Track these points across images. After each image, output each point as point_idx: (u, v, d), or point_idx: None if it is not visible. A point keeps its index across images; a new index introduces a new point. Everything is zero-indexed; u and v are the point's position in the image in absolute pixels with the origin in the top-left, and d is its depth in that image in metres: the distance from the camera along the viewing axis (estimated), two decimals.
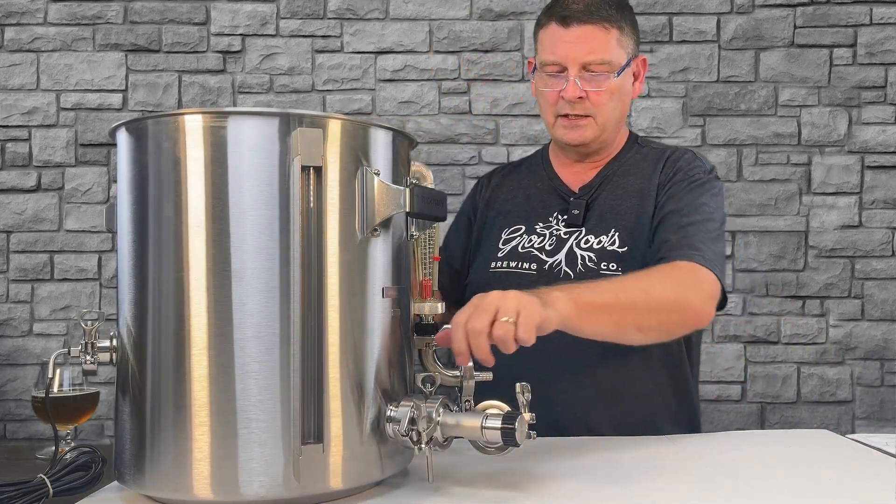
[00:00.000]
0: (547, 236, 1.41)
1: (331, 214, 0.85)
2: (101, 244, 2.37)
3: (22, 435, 2.33)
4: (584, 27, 1.33)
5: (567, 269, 1.36)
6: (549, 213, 1.43)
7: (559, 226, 1.41)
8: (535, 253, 1.39)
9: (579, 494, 0.90)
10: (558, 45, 1.35)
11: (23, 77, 2.36)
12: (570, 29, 1.34)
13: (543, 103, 1.40)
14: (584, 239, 1.37)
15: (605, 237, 1.36)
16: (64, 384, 1.24)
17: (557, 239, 1.39)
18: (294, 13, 2.37)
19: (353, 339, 0.86)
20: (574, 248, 1.37)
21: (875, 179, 2.36)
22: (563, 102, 1.36)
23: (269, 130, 0.83)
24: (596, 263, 1.34)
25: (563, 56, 1.34)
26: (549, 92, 1.37)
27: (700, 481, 0.95)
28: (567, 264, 1.36)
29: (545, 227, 1.42)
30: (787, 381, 2.36)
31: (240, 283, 0.81)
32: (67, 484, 0.90)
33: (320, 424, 0.83)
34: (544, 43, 1.38)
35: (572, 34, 1.34)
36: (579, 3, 1.34)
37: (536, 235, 1.41)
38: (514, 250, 1.42)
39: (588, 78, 1.34)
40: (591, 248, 1.36)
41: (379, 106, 2.38)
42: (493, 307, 0.91)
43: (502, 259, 1.42)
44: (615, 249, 1.34)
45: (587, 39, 1.34)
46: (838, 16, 2.36)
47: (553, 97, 1.37)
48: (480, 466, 1.01)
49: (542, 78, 1.37)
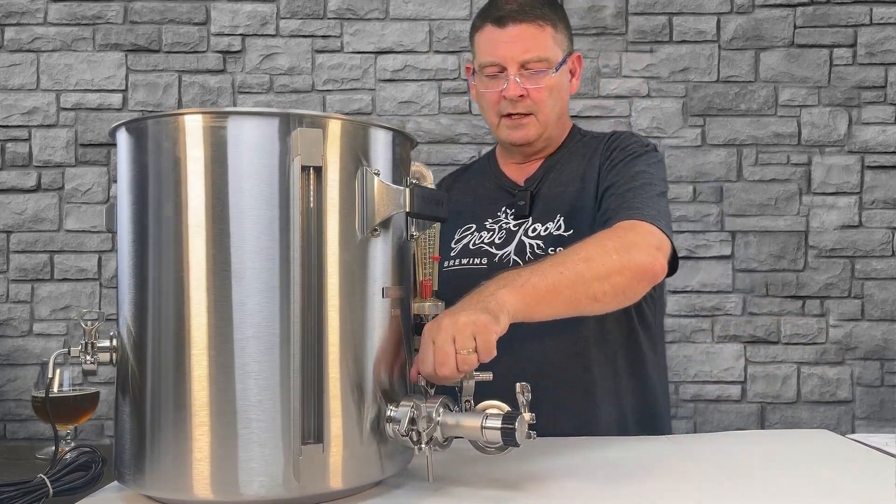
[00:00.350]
0: (496, 230, 1.43)
1: (331, 214, 0.85)
2: (101, 244, 2.37)
3: (22, 435, 2.33)
4: (519, 26, 1.35)
5: (516, 258, 1.38)
6: (497, 209, 1.46)
7: (508, 219, 1.44)
8: (485, 248, 1.42)
9: (579, 494, 0.90)
10: (496, 45, 1.36)
11: (23, 77, 2.36)
12: (506, 29, 1.35)
13: (485, 105, 1.42)
14: (532, 227, 1.40)
15: (552, 223, 1.39)
16: (64, 384, 1.24)
17: (507, 232, 1.42)
18: (294, 13, 2.38)
19: (353, 339, 0.86)
20: (523, 237, 1.40)
21: (875, 179, 2.37)
22: (504, 102, 1.38)
23: (269, 130, 0.83)
24: (544, 250, 1.36)
25: (502, 56, 1.36)
26: (491, 93, 1.38)
27: (700, 481, 0.95)
28: (516, 254, 1.39)
29: (494, 222, 1.45)
30: (787, 381, 2.36)
31: (240, 283, 0.81)
32: (67, 484, 0.90)
33: (320, 424, 0.83)
34: (481, 46, 1.40)
35: (508, 34, 1.35)
36: (512, 3, 1.36)
37: (486, 231, 1.44)
38: (466, 247, 1.44)
39: (527, 76, 1.36)
40: (538, 236, 1.39)
41: (379, 106, 2.38)
42: (450, 343, 0.91)
43: (455, 257, 1.45)
44: (561, 234, 1.36)
45: (523, 38, 1.36)
46: (838, 16, 2.36)
47: (495, 98, 1.39)
48: (480, 466, 1.01)
49: (482, 80, 1.39)
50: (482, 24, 1.40)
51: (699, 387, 2.36)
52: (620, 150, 1.39)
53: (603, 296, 1.13)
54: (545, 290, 1.05)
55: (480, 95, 1.43)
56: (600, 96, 2.37)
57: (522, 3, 1.36)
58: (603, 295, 1.13)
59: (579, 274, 1.09)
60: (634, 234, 1.20)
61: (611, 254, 1.13)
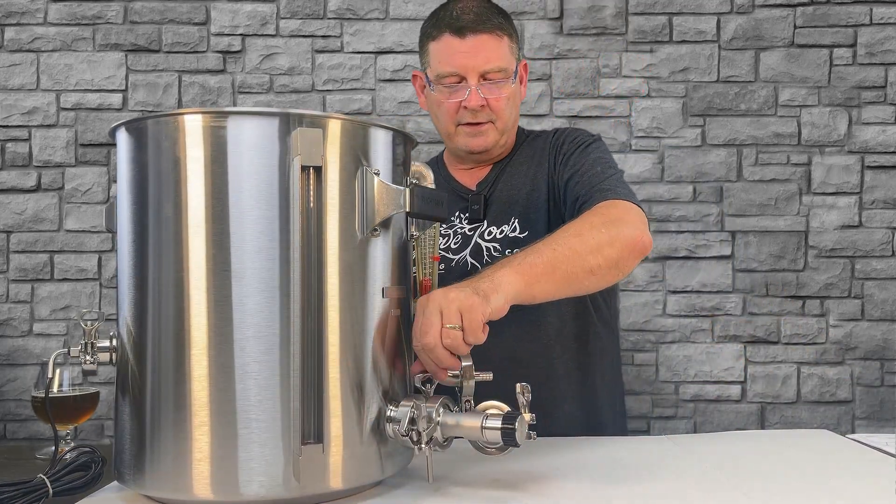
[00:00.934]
0: (451, 236, 1.45)
1: (331, 214, 0.85)
2: (101, 244, 2.37)
3: (22, 435, 2.33)
4: (479, 37, 1.35)
5: (473, 261, 1.40)
6: (450, 214, 1.47)
7: (463, 223, 1.45)
8: (441, 253, 1.42)
9: (579, 494, 0.90)
10: (455, 56, 1.35)
11: (23, 77, 2.36)
12: (466, 39, 1.35)
13: (441, 114, 1.41)
14: (487, 231, 1.42)
15: (507, 226, 1.41)
16: (64, 384, 1.24)
17: (463, 236, 1.44)
18: (294, 13, 2.37)
19: (353, 339, 0.86)
20: (478, 240, 1.42)
21: (875, 179, 2.36)
22: (464, 112, 1.38)
23: (268, 130, 0.83)
24: (501, 252, 1.38)
25: (462, 66, 1.35)
26: (450, 103, 1.38)
27: (700, 481, 0.95)
28: (472, 257, 1.41)
29: (449, 227, 1.46)
30: (787, 381, 2.36)
31: (240, 283, 0.81)
32: (67, 484, 0.90)
33: (320, 424, 0.83)
34: (438, 55, 1.38)
35: (468, 44, 1.35)
36: (469, 13, 1.36)
37: (441, 237, 1.45)
38: None
39: (487, 86, 1.36)
40: (494, 239, 1.41)
41: (379, 106, 2.38)
42: (437, 314, 0.91)
43: None
44: (517, 236, 1.39)
45: (483, 49, 1.36)
46: (838, 16, 2.36)
47: (453, 107, 1.39)
48: (480, 466, 1.01)
49: (440, 90, 1.39)
50: (439, 33, 1.38)
51: (699, 387, 2.36)
52: (570, 143, 1.41)
53: (598, 268, 1.13)
54: (542, 266, 1.05)
55: (436, 104, 1.42)
56: (600, 96, 2.37)
57: (479, 12, 1.36)
58: (598, 268, 1.13)
59: (573, 248, 1.10)
60: (617, 211, 1.22)
61: (599, 228, 1.15)
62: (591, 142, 1.41)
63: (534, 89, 2.36)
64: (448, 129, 1.43)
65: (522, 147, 1.50)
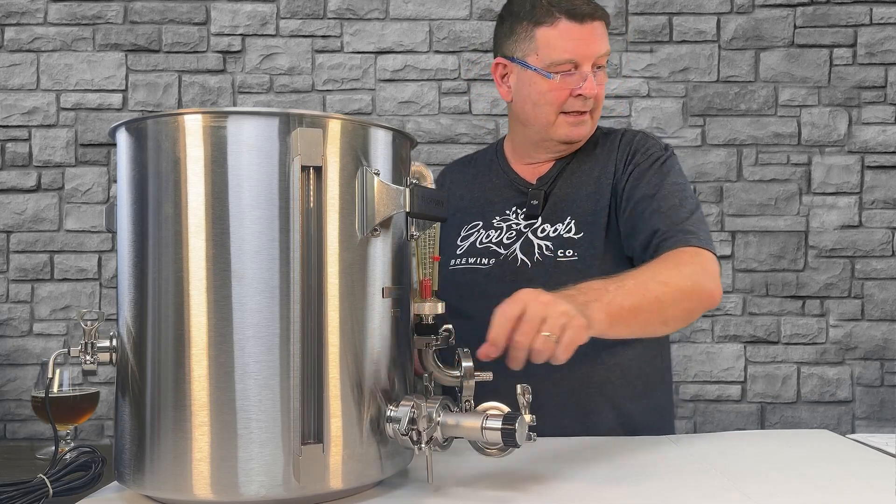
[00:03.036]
0: (504, 229, 1.41)
1: (331, 214, 0.85)
2: (101, 244, 2.37)
3: (22, 435, 2.33)
4: (594, 23, 1.32)
5: (523, 257, 1.36)
6: (505, 207, 1.43)
7: (518, 218, 1.41)
8: (492, 247, 1.40)
9: (579, 494, 0.90)
10: (573, 42, 1.30)
11: (23, 77, 2.36)
12: (585, 25, 1.31)
13: (545, 102, 1.35)
14: (541, 228, 1.38)
15: (561, 225, 1.37)
16: (64, 384, 1.23)
17: (516, 231, 1.40)
18: (294, 13, 2.38)
19: (353, 339, 0.86)
20: (531, 236, 1.38)
21: (875, 179, 2.37)
22: (573, 100, 1.33)
23: (268, 130, 0.83)
24: (552, 251, 1.35)
25: (581, 53, 1.31)
26: (561, 91, 1.32)
27: (700, 481, 0.95)
28: (523, 252, 1.36)
29: (502, 220, 1.42)
30: (787, 381, 2.36)
31: (240, 283, 0.81)
32: (67, 484, 0.90)
33: (320, 424, 0.83)
34: (553, 41, 1.31)
35: (586, 31, 1.31)
36: None
37: (494, 230, 1.42)
38: (473, 246, 1.42)
39: (596, 74, 1.33)
40: (547, 237, 1.36)
41: (379, 106, 2.38)
42: (540, 318, 0.92)
43: (461, 256, 1.42)
44: (571, 237, 1.35)
45: (598, 35, 1.33)
46: (838, 16, 2.36)
47: (563, 96, 1.33)
48: (480, 466, 1.01)
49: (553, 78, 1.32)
50: (553, 18, 1.31)
51: (699, 387, 2.36)
52: (644, 155, 1.36)
53: (673, 321, 1.16)
54: (628, 310, 1.06)
55: (539, 92, 1.34)
56: None
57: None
58: (673, 320, 1.15)
59: (658, 298, 1.10)
60: (700, 262, 1.21)
61: (685, 280, 1.15)
62: (667, 158, 1.36)
63: None
64: (549, 118, 1.35)
65: (586, 147, 1.44)
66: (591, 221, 1.35)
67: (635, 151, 1.38)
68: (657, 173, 1.33)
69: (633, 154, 1.37)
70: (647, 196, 1.30)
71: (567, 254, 1.33)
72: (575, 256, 1.33)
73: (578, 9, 1.31)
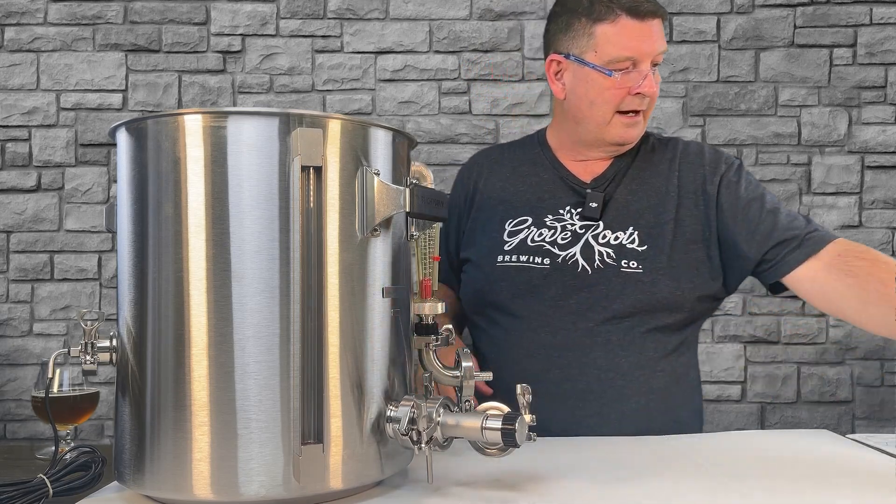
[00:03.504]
0: (559, 229, 1.37)
1: (331, 214, 0.85)
2: (101, 244, 2.37)
3: (22, 435, 2.33)
4: (654, 21, 1.30)
5: (584, 263, 1.33)
6: (559, 205, 1.39)
7: (573, 219, 1.37)
8: (546, 247, 1.36)
9: (579, 494, 0.90)
10: (634, 40, 1.29)
11: (23, 77, 2.36)
12: (645, 22, 1.29)
13: (602, 101, 1.32)
14: (602, 234, 1.34)
15: (623, 234, 1.34)
16: (64, 384, 1.24)
17: (572, 233, 1.36)
18: (294, 13, 2.37)
19: (353, 339, 0.86)
20: (591, 240, 1.34)
21: (875, 179, 2.36)
22: (630, 99, 1.31)
23: (268, 130, 0.83)
24: (616, 260, 1.32)
25: (641, 51, 1.29)
26: (619, 89, 1.30)
27: (700, 481, 0.95)
28: (583, 258, 1.33)
29: (555, 219, 1.38)
30: (787, 381, 2.36)
31: (240, 283, 0.81)
32: (67, 484, 0.90)
33: (320, 424, 0.83)
34: (613, 38, 1.29)
35: (646, 28, 1.29)
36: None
37: (547, 228, 1.38)
38: (524, 243, 1.38)
39: (653, 72, 1.32)
40: (608, 244, 1.33)
41: (379, 106, 2.38)
42: None
43: (510, 252, 1.38)
44: (634, 248, 1.32)
45: (658, 32, 1.31)
46: (838, 16, 2.36)
47: (621, 94, 1.31)
48: (480, 466, 1.01)
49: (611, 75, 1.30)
50: (613, 15, 1.29)
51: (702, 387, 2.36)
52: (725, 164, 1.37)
53: None
54: None
55: (597, 90, 1.32)
56: None
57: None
58: None
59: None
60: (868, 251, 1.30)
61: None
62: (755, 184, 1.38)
63: (534, 89, 2.36)
64: (605, 116, 1.33)
65: (643, 152, 1.42)
66: (656, 235, 1.33)
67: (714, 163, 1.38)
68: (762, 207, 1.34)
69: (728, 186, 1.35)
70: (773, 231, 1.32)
71: (631, 265, 1.31)
72: (640, 269, 1.31)
73: (640, 6, 1.28)
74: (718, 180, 1.36)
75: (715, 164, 1.38)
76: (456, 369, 0.98)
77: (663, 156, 1.41)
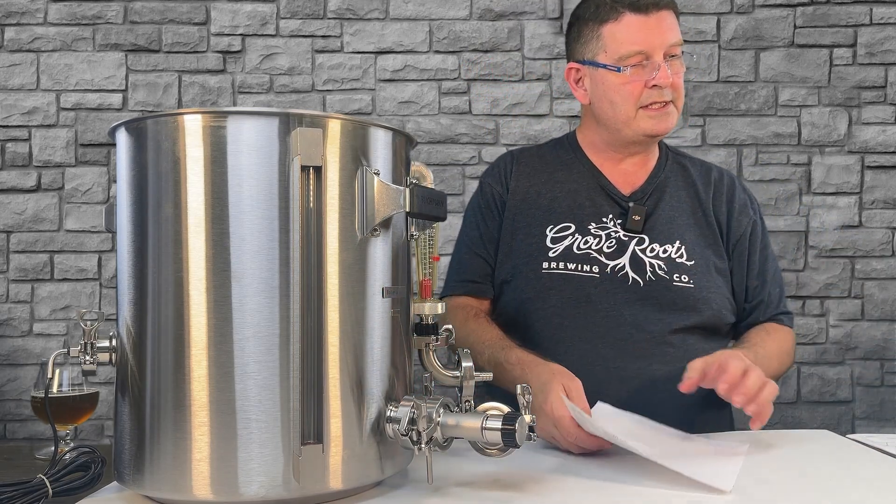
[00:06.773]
0: (604, 237, 1.37)
1: (330, 214, 0.84)
2: (101, 244, 2.37)
3: (22, 435, 2.33)
4: (660, 13, 1.32)
5: (635, 275, 1.34)
6: (601, 214, 1.40)
7: (616, 227, 1.39)
8: (593, 254, 1.36)
9: (579, 494, 0.90)
10: (640, 33, 1.31)
11: (23, 77, 2.36)
12: (650, 16, 1.31)
13: (622, 98, 1.34)
14: (650, 247, 1.37)
15: (671, 247, 1.37)
16: (64, 384, 1.23)
17: (618, 241, 1.37)
18: (294, 13, 2.38)
19: (353, 339, 0.86)
20: (639, 253, 1.36)
21: (875, 179, 2.37)
22: (649, 92, 1.32)
23: (268, 130, 0.83)
24: (668, 273, 1.34)
25: (649, 43, 1.31)
26: (634, 84, 1.32)
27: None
28: (633, 270, 1.35)
29: (599, 227, 1.38)
30: (787, 381, 2.36)
31: (239, 283, 0.81)
32: (67, 484, 0.90)
33: (320, 424, 0.83)
34: (620, 35, 1.32)
35: (651, 21, 1.31)
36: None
37: (592, 236, 1.38)
38: (569, 251, 1.37)
39: (670, 63, 1.32)
40: (657, 256, 1.36)
41: (379, 106, 2.38)
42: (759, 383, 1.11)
43: (556, 259, 1.37)
44: (683, 262, 1.36)
45: (666, 24, 1.33)
46: (838, 16, 2.36)
47: (638, 89, 1.32)
48: (480, 466, 1.01)
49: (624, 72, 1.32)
50: (617, 14, 1.32)
51: None
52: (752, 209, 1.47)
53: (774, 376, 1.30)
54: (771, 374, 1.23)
55: (614, 89, 1.34)
56: None
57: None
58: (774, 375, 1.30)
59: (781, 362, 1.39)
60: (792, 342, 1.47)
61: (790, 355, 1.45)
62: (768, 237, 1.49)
63: (534, 89, 2.36)
64: (629, 113, 1.35)
65: (672, 166, 1.46)
66: (700, 253, 1.38)
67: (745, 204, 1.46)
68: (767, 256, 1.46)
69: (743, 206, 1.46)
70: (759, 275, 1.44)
71: (682, 279, 1.35)
72: (691, 284, 1.34)
73: (641, 0, 1.31)
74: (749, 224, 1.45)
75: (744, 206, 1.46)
76: (455, 369, 0.98)
77: (699, 177, 1.47)
